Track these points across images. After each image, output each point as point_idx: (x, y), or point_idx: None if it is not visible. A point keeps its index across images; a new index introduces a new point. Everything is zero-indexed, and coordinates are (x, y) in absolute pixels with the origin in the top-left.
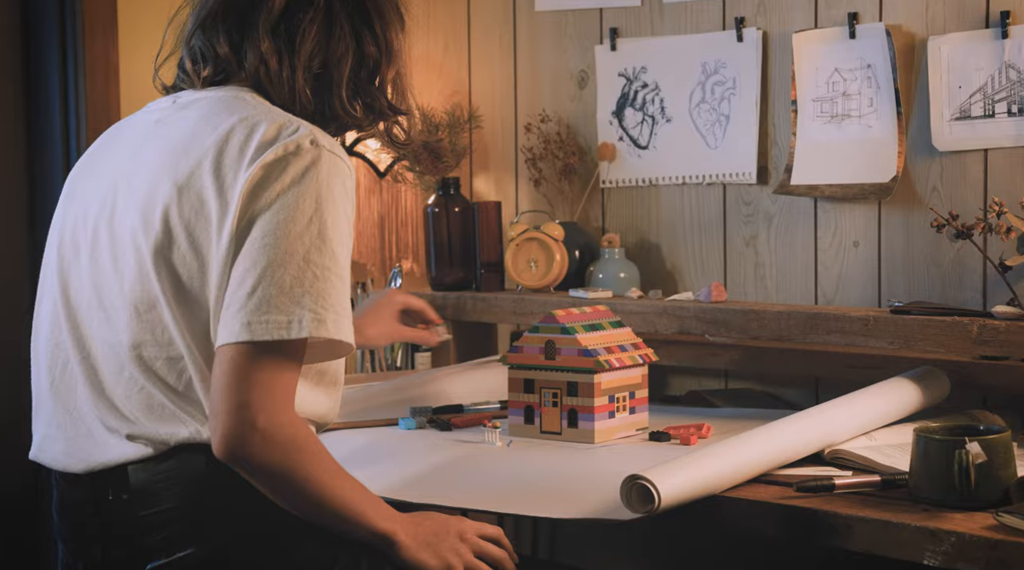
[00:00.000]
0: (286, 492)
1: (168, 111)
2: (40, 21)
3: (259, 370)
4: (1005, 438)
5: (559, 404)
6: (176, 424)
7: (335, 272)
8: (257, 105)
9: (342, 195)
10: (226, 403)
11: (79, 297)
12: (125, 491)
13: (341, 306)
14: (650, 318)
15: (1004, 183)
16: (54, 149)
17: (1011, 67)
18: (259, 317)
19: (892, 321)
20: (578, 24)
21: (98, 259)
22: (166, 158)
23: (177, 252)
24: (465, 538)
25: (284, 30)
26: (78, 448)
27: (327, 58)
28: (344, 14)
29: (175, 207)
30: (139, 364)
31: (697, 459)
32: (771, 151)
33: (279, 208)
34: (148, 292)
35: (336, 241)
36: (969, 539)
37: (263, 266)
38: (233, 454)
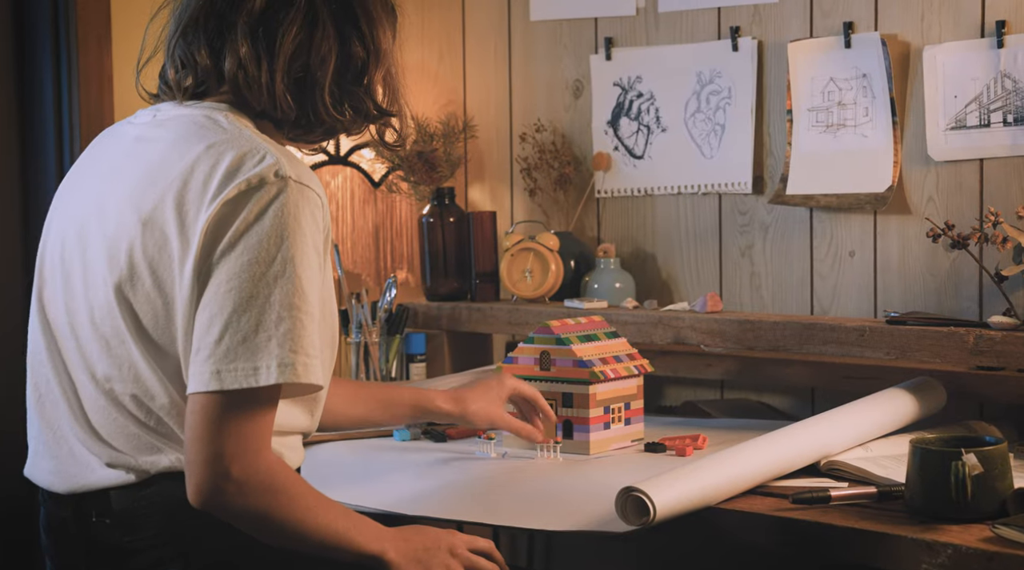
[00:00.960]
0: (266, 533)
1: (148, 127)
2: (34, 29)
3: (231, 419)
4: (1001, 449)
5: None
6: (155, 453)
7: (304, 310)
8: (228, 129)
9: (310, 227)
10: (200, 454)
11: (57, 321)
12: (108, 515)
13: (311, 347)
14: (645, 328)
15: (1000, 193)
16: (47, 157)
17: (1007, 76)
18: (227, 365)
19: (888, 331)
20: (573, 33)
21: (72, 287)
22: (136, 187)
23: (141, 289)
24: (456, 553)
25: (263, 33)
26: (62, 469)
27: (309, 61)
28: (327, 14)
29: (139, 242)
30: (110, 397)
31: (692, 470)
32: (767, 161)
33: (242, 249)
34: (116, 327)
35: (305, 278)
36: (965, 551)
37: (229, 312)
38: (208, 504)
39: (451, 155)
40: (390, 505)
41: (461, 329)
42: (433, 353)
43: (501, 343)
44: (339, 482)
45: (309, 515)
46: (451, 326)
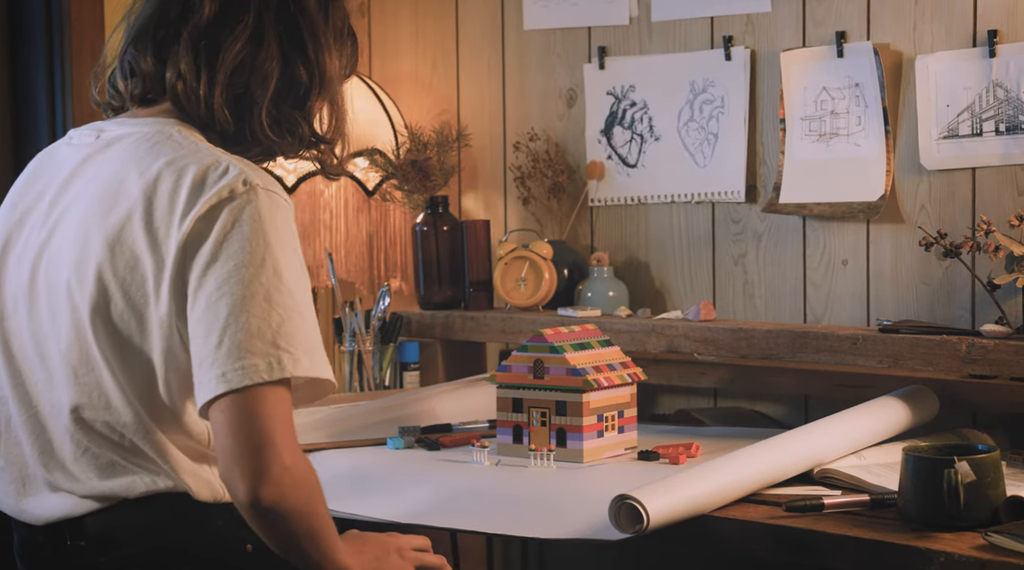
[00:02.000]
0: (299, 532)
1: (93, 148)
2: (28, 39)
3: (258, 412)
4: (994, 457)
5: (548, 423)
6: (129, 477)
7: (296, 311)
8: (184, 144)
9: (286, 230)
10: (244, 450)
11: (22, 352)
12: (83, 538)
13: (312, 344)
14: (639, 337)
15: (992, 202)
16: None
17: (999, 86)
18: (232, 365)
19: (881, 340)
20: (566, 42)
21: (37, 314)
22: (95, 207)
23: (115, 310)
24: (404, 555)
25: (206, 46)
26: (31, 505)
27: (250, 78)
28: (274, 34)
29: (108, 264)
30: (81, 426)
31: (686, 478)
32: (759, 170)
33: (226, 257)
34: (85, 353)
35: (292, 279)
36: (958, 559)
37: (224, 316)
38: (265, 497)
39: (445, 164)
40: (384, 514)
41: (455, 338)
42: (427, 362)
43: (495, 351)
44: (332, 491)
45: (328, 516)
46: (445, 335)
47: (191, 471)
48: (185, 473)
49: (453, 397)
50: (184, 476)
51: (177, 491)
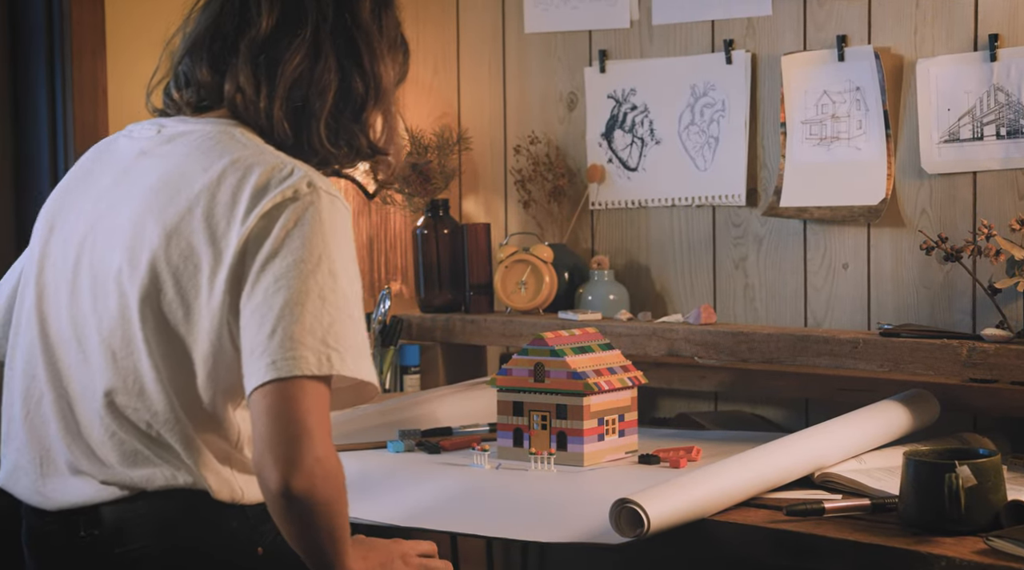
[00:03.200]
0: (320, 526)
1: (153, 142)
2: (28, 41)
3: (300, 402)
4: (995, 462)
5: (548, 427)
6: (150, 468)
7: (347, 312)
8: (248, 144)
9: (345, 235)
10: (281, 437)
11: (58, 334)
12: (97, 528)
13: (361, 346)
14: (639, 340)
15: (993, 206)
16: (42, 172)
17: (999, 90)
18: (283, 355)
19: (881, 344)
20: (567, 46)
21: (78, 296)
22: (153, 198)
23: (164, 299)
24: (409, 561)
25: (265, 59)
26: (49, 488)
27: (308, 92)
28: (331, 46)
29: (163, 253)
30: (111, 410)
31: (686, 482)
32: (760, 173)
33: (286, 253)
34: (127, 338)
35: (346, 282)
36: (959, 564)
37: (280, 307)
38: (296, 486)
39: (445, 167)
40: (384, 517)
41: (455, 341)
42: (427, 365)
43: (495, 355)
44: None
45: (347, 519)
46: (445, 338)
47: (214, 470)
48: (208, 471)
49: (453, 400)
50: (206, 473)
51: (195, 488)
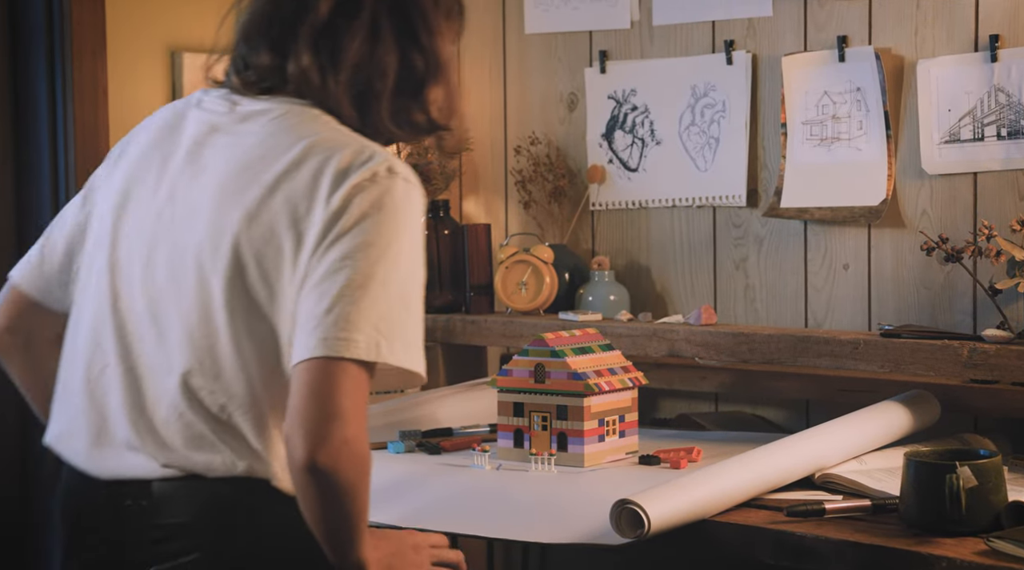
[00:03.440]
0: (340, 508)
1: (227, 118)
2: (28, 42)
3: (340, 384)
4: (996, 462)
5: (548, 428)
6: (212, 454)
7: (404, 302)
8: (327, 126)
9: (416, 224)
10: (316, 413)
11: (131, 308)
12: (145, 499)
13: (413, 336)
14: (640, 341)
15: (994, 206)
16: (42, 172)
17: (1000, 90)
18: (336, 334)
19: (882, 344)
20: (568, 47)
21: (153, 273)
22: (232, 179)
23: (248, 280)
24: (420, 552)
25: (325, 44)
26: (103, 456)
27: (370, 74)
28: (389, 27)
29: (244, 235)
30: (185, 391)
31: (687, 483)
32: (761, 174)
33: (357, 233)
34: (207, 320)
35: (408, 271)
36: (960, 564)
37: (341, 286)
38: (321, 461)
39: (446, 168)
40: (385, 517)
41: (456, 341)
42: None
43: (496, 355)
44: None
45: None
46: (446, 338)
47: (281, 456)
48: (274, 457)
49: (454, 401)
50: (273, 459)
51: (254, 476)
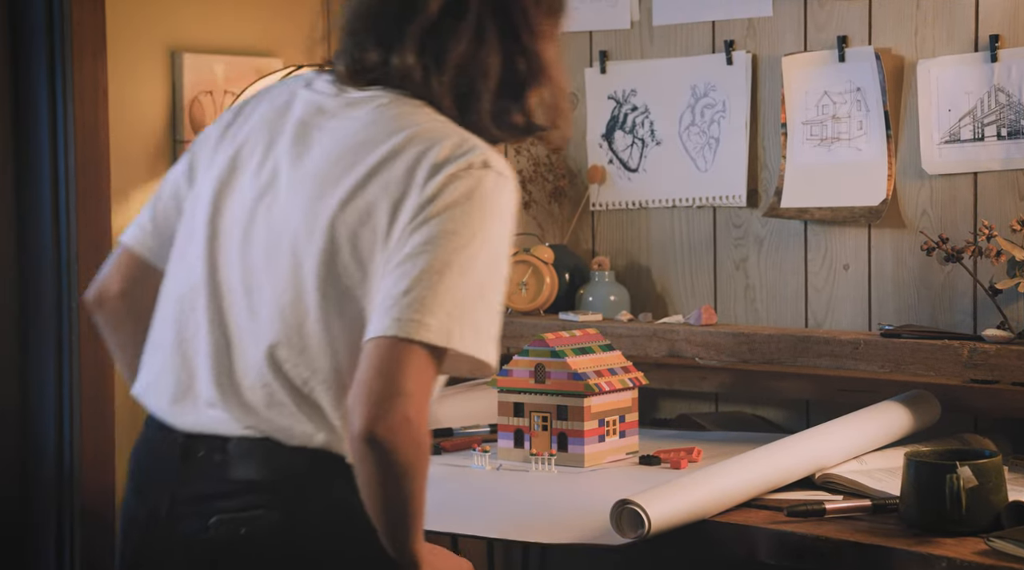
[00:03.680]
0: (394, 488)
1: (334, 102)
2: (29, 44)
3: (408, 365)
4: (996, 462)
5: (549, 428)
6: (292, 423)
7: (481, 292)
8: (431, 118)
9: (505, 218)
10: (382, 388)
11: (228, 281)
12: (219, 454)
13: (486, 326)
14: (640, 341)
15: (994, 206)
16: (42, 173)
17: (1000, 90)
18: (410, 315)
19: (882, 344)
20: (568, 46)
21: (250, 248)
22: (333, 163)
23: (340, 261)
24: None
25: (432, 43)
26: (184, 411)
27: (474, 76)
28: (494, 28)
29: (340, 218)
30: (271, 363)
31: (687, 483)
32: (761, 174)
33: (445, 219)
34: (299, 298)
35: (490, 263)
36: (960, 564)
37: (421, 270)
38: (379, 433)
39: None
40: None
41: None
42: None
43: None
44: None
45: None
46: None
47: None
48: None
49: (454, 401)
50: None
51: (330, 451)
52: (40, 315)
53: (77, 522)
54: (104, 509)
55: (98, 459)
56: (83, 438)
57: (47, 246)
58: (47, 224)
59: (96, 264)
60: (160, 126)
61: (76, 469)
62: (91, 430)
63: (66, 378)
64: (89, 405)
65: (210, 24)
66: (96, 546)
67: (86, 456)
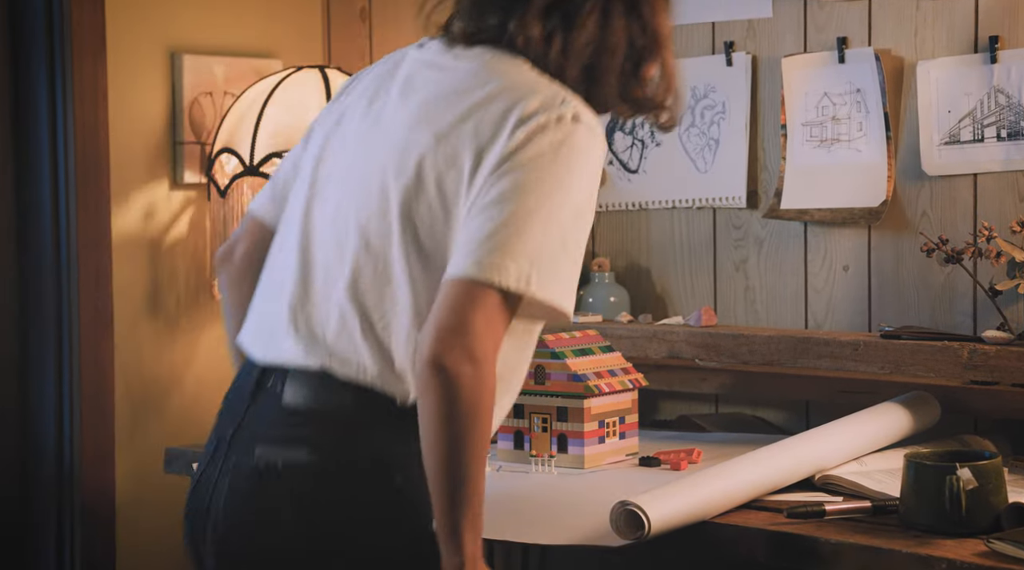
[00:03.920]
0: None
1: (441, 57)
2: (29, 44)
3: (481, 307)
4: (996, 464)
5: (549, 429)
6: (352, 353)
7: (562, 242)
8: (528, 74)
9: (591, 171)
10: (451, 322)
11: (320, 215)
12: (280, 384)
13: (566, 275)
14: (640, 342)
15: (994, 207)
16: (42, 174)
17: (1000, 92)
18: (488, 259)
19: (882, 346)
20: None
21: (344, 185)
22: (430, 107)
23: (424, 200)
24: None
25: (560, 17)
26: (266, 345)
27: (599, 51)
28: (620, 6)
29: (431, 156)
30: (351, 292)
31: (687, 485)
32: (761, 175)
33: (532, 168)
34: (384, 231)
35: (573, 214)
36: (960, 566)
37: (505, 215)
38: (446, 361)
39: None
40: None
41: None
42: None
43: None
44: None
45: (483, 446)
46: None
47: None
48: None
49: None
50: (408, 379)
51: (378, 389)
52: (40, 315)
53: (77, 522)
54: (104, 509)
55: (98, 459)
56: (83, 438)
57: (47, 246)
58: (47, 224)
59: (96, 264)
60: (160, 127)
61: (76, 469)
62: (91, 430)
63: (66, 378)
64: (89, 405)
65: (210, 25)
66: (96, 546)
67: (86, 456)
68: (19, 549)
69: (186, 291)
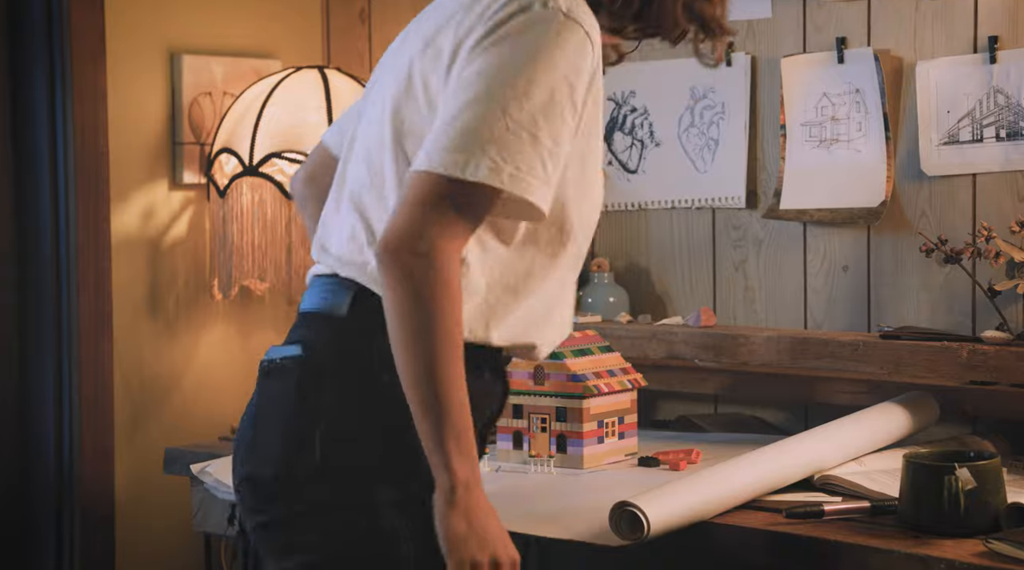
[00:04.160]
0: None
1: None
2: (28, 47)
3: (437, 202)
4: (995, 464)
5: (548, 429)
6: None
7: (528, 131)
8: None
9: (566, 61)
10: (405, 216)
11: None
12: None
13: (526, 165)
14: (639, 343)
15: (993, 208)
16: (42, 175)
17: (999, 92)
18: (439, 150)
19: (881, 346)
20: None
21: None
22: (423, 18)
23: (413, 105)
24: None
25: None
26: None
27: None
28: None
29: (418, 60)
30: (356, 204)
31: (686, 485)
32: (760, 175)
33: (495, 53)
34: (380, 140)
35: (541, 103)
36: (959, 566)
37: (464, 101)
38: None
39: None
40: None
41: None
42: None
43: None
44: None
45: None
46: None
47: None
48: None
49: None
50: None
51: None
52: (40, 315)
53: (77, 522)
54: (104, 509)
55: (97, 459)
56: (82, 438)
57: (47, 246)
58: (47, 224)
59: (96, 264)
60: (159, 127)
61: (76, 469)
62: (90, 430)
63: (66, 378)
64: (88, 405)
65: (209, 26)
66: (95, 546)
67: (85, 456)
68: (19, 549)
69: (186, 291)
